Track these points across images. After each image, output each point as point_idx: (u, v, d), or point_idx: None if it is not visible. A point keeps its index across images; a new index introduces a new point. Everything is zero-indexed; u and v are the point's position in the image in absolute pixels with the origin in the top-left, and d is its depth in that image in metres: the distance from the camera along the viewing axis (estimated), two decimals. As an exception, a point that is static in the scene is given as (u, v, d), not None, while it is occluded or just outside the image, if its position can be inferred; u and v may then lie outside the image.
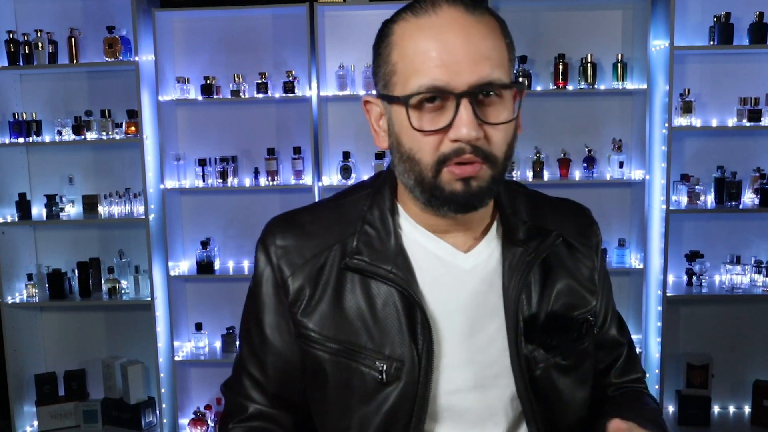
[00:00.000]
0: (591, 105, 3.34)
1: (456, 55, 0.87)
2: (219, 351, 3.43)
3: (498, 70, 0.89)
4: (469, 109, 0.87)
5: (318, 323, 1.00)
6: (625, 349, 1.17)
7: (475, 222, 1.01)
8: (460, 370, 0.99)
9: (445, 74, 0.87)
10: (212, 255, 3.34)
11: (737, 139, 3.29)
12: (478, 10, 0.92)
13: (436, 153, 0.90)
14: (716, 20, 3.10)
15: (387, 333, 0.98)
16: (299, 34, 3.27)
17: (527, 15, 3.29)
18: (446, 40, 0.88)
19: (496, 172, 0.92)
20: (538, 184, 3.25)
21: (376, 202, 1.03)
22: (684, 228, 3.35)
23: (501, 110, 0.91)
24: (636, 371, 1.17)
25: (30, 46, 3.24)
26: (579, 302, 1.06)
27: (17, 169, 3.44)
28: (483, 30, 0.90)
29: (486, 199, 0.94)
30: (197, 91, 3.32)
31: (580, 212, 1.13)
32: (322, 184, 3.31)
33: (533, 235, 1.03)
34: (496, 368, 1.00)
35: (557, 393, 1.02)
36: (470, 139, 0.88)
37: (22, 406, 3.44)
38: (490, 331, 1.00)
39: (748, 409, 3.38)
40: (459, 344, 0.99)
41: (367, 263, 0.99)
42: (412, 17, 0.91)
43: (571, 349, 1.03)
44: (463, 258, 1.00)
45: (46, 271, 3.37)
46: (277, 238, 1.04)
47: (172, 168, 3.35)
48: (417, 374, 0.96)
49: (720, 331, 3.40)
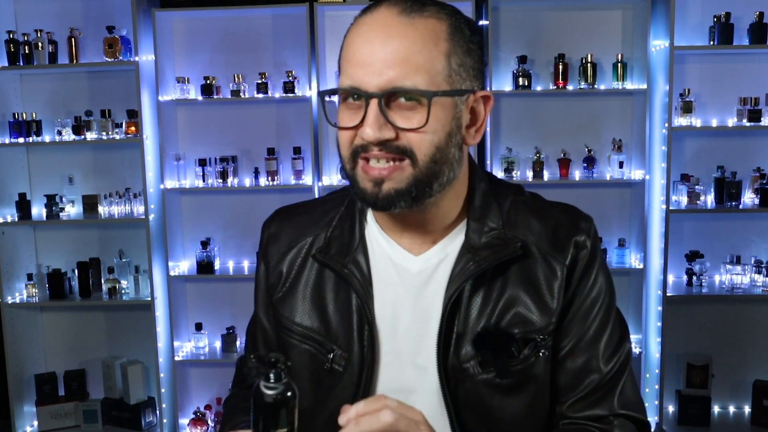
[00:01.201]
0: (591, 105, 3.34)
1: (373, 56, 0.89)
2: (219, 351, 3.43)
3: (416, 76, 0.88)
4: (375, 111, 0.89)
5: (286, 308, 1.07)
6: (601, 378, 1.01)
7: (429, 222, 1.00)
8: (398, 371, 1.02)
9: (361, 74, 0.90)
10: (212, 255, 3.34)
11: (737, 139, 3.29)
12: (418, 12, 0.90)
13: (350, 146, 0.94)
14: (716, 20, 3.10)
15: (339, 325, 1.03)
16: (299, 34, 3.27)
17: (527, 15, 3.29)
18: (368, 41, 0.90)
19: (418, 173, 0.91)
20: (538, 184, 3.25)
21: (352, 200, 1.08)
22: (684, 228, 3.35)
23: (417, 115, 0.90)
24: (606, 408, 1.01)
25: (30, 46, 3.24)
26: (526, 319, 0.99)
27: (17, 169, 3.44)
28: (411, 33, 0.89)
29: (400, 202, 0.92)
30: (197, 91, 3.31)
31: (569, 223, 1.03)
32: (322, 184, 3.31)
33: (495, 243, 0.99)
34: (429, 375, 1.00)
35: (488, 412, 0.99)
36: (371, 140, 0.90)
37: (22, 406, 3.44)
38: (429, 337, 1.00)
39: (748, 409, 3.38)
40: (400, 347, 1.02)
41: (330, 257, 1.04)
42: (359, 16, 0.95)
43: (505, 368, 0.97)
44: (412, 261, 1.01)
45: (46, 271, 3.37)
46: (271, 225, 1.13)
47: (172, 168, 3.35)
48: (360, 368, 1.01)
49: (720, 331, 3.39)
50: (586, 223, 1.04)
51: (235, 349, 3.38)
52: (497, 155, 3.29)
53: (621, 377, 1.03)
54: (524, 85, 3.20)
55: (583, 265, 1.01)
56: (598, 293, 1.03)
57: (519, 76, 3.20)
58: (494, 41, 3.24)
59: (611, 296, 1.05)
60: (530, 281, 1.00)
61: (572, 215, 1.05)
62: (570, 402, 1.02)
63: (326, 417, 1.02)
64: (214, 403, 3.46)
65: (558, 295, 1.00)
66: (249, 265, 3.44)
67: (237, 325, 3.43)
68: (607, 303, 1.04)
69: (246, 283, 3.43)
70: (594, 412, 1.02)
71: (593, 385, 1.01)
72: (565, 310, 1.01)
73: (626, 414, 1.02)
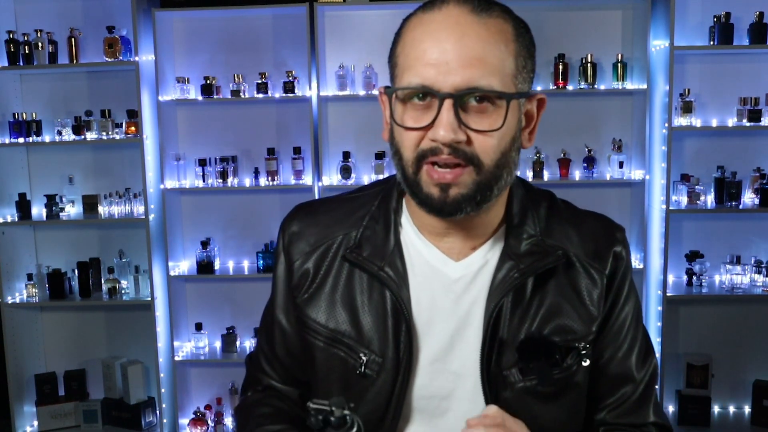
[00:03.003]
0: (591, 105, 3.34)
1: (447, 55, 0.86)
2: (219, 351, 3.43)
3: (491, 77, 0.86)
4: (450, 112, 0.86)
5: (313, 310, 1.03)
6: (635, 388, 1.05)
7: (475, 228, 0.98)
8: (434, 378, 0.99)
9: (433, 73, 0.86)
10: (212, 255, 3.34)
11: (737, 139, 3.29)
12: (488, 12, 0.89)
13: (416, 149, 0.90)
14: (716, 20, 3.10)
15: (373, 328, 0.99)
16: (299, 34, 3.27)
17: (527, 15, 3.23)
18: (441, 39, 0.87)
19: (482, 178, 0.89)
20: (538, 184, 3.23)
21: (385, 199, 1.04)
22: (684, 228, 3.35)
23: (488, 118, 0.88)
24: (643, 416, 1.05)
25: (30, 46, 3.24)
26: (568, 327, 0.99)
27: (17, 169, 3.44)
28: (484, 33, 0.87)
29: (466, 207, 0.90)
30: (197, 91, 3.32)
31: (605, 234, 1.04)
32: (322, 184, 3.31)
33: (536, 250, 0.98)
34: (469, 382, 0.99)
35: (531, 419, 0.97)
36: (445, 142, 0.87)
37: (22, 406, 3.44)
38: (469, 343, 0.99)
39: (748, 409, 3.38)
40: (437, 352, 0.99)
41: (363, 258, 1.00)
42: (421, 13, 0.91)
43: (548, 376, 0.97)
44: (452, 266, 0.99)
45: (46, 271, 3.37)
46: (293, 224, 1.08)
47: (172, 168, 3.35)
48: (395, 374, 0.98)
49: (720, 331, 3.39)
50: (621, 233, 1.06)
51: (235, 349, 3.38)
52: (497, 155, 3.29)
53: (653, 387, 1.06)
54: (524, 85, 3.20)
55: (621, 276, 1.03)
56: (632, 304, 1.05)
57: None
58: (494, 41, 3.24)
59: (640, 308, 1.09)
60: (571, 290, 1.00)
61: (607, 225, 1.06)
62: (608, 409, 1.05)
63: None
64: (214, 403, 3.46)
65: (599, 305, 1.00)
66: (249, 265, 3.44)
67: (237, 325, 3.43)
68: (638, 314, 1.07)
69: (246, 283, 3.43)
70: (631, 420, 1.04)
71: (629, 394, 1.04)
72: (605, 320, 1.02)
73: (656, 422, 1.05)
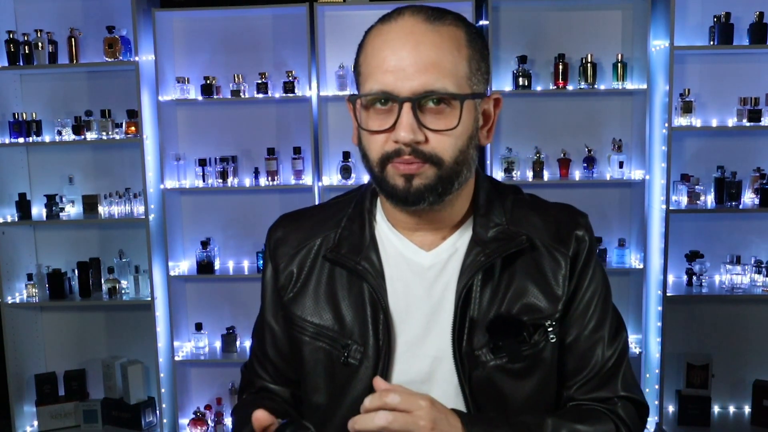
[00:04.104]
0: (591, 105, 3.34)
1: (403, 62, 0.93)
2: (219, 351, 3.43)
3: (445, 80, 0.94)
4: (409, 114, 0.93)
5: (299, 307, 1.11)
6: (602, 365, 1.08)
7: (443, 220, 1.06)
8: (413, 362, 1.06)
9: (392, 79, 0.94)
10: (212, 255, 3.34)
11: (737, 139, 3.29)
12: (440, 20, 0.96)
13: (381, 151, 0.97)
14: (716, 20, 3.10)
15: (354, 320, 1.07)
16: (299, 34, 3.27)
17: (527, 15, 3.29)
18: (397, 48, 0.94)
19: (443, 173, 0.97)
20: (538, 184, 3.25)
21: (360, 201, 1.13)
22: (684, 228, 3.35)
23: (445, 118, 0.95)
24: (610, 390, 1.08)
25: (30, 46, 3.24)
26: (535, 306, 1.05)
27: (17, 169, 3.44)
28: (437, 39, 0.94)
29: (429, 197, 0.98)
30: (197, 91, 3.32)
31: (569, 219, 1.11)
32: (322, 184, 3.31)
33: (501, 237, 1.06)
34: (443, 364, 1.05)
35: (503, 397, 1.04)
36: (407, 142, 0.94)
37: (22, 406, 3.44)
38: (442, 327, 1.05)
39: (748, 409, 3.38)
40: (414, 338, 1.06)
41: (341, 255, 1.08)
42: (380, 24, 0.99)
43: (517, 353, 1.03)
44: (424, 256, 1.07)
45: (46, 271, 3.37)
46: (277, 230, 1.16)
47: (172, 168, 3.35)
48: (376, 360, 1.04)
49: (720, 331, 3.39)
50: (584, 219, 1.12)
51: (235, 349, 3.38)
52: (497, 155, 3.29)
53: (622, 363, 1.11)
54: (524, 85, 3.20)
55: (584, 258, 1.09)
56: (597, 284, 1.11)
57: (519, 76, 3.20)
58: (494, 41, 3.24)
59: (608, 288, 1.14)
60: (537, 272, 1.06)
61: (570, 212, 1.13)
62: (576, 385, 1.10)
63: (343, 412, 1.05)
64: (214, 403, 3.46)
65: (563, 284, 1.07)
66: (249, 265, 3.44)
67: (237, 325, 3.43)
68: (606, 294, 1.12)
69: (246, 283, 3.43)
70: (599, 394, 1.09)
71: (597, 370, 1.09)
72: (571, 300, 1.08)
73: (628, 396, 1.09)
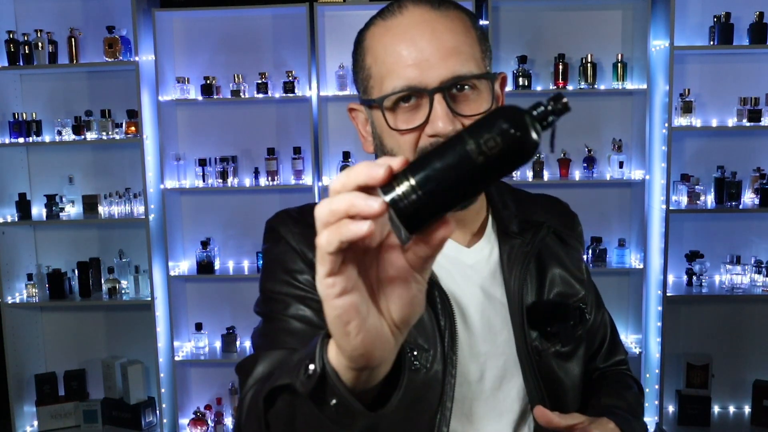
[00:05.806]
0: (591, 105, 3.34)
1: (425, 53, 0.89)
2: (219, 351, 3.43)
3: (469, 63, 0.91)
4: (443, 104, 0.89)
5: None
6: (608, 331, 1.21)
7: (471, 218, 1.05)
8: (473, 362, 1.01)
9: (417, 72, 0.89)
10: (212, 255, 3.34)
11: (737, 139, 3.29)
12: (444, 5, 0.94)
13: (415, 150, 0.92)
14: (716, 20, 3.10)
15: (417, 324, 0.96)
16: (299, 34, 3.27)
17: (527, 15, 3.29)
18: (414, 39, 0.90)
19: None
20: (538, 184, 3.25)
21: None
22: (684, 228, 3.35)
23: (476, 102, 0.92)
24: (619, 353, 1.21)
25: (30, 46, 3.24)
26: (571, 291, 1.08)
27: (17, 169, 3.44)
28: (450, 25, 0.91)
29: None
30: (197, 91, 3.31)
31: (561, 205, 1.18)
32: (322, 184, 3.31)
33: (525, 227, 1.06)
34: (503, 360, 1.02)
35: (559, 381, 1.04)
36: (447, 133, 0.88)
37: (22, 406, 3.44)
38: (496, 323, 1.02)
39: (748, 409, 3.38)
40: (471, 337, 1.01)
41: None
42: (381, 21, 0.95)
43: (570, 336, 1.05)
44: (466, 253, 1.03)
45: (46, 271, 3.37)
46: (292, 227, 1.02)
47: (172, 168, 3.35)
48: (443, 363, 0.97)
49: (720, 331, 3.39)
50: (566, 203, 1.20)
51: (235, 349, 3.38)
52: (497, 155, 3.29)
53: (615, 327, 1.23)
54: (524, 85, 3.20)
55: (582, 237, 1.18)
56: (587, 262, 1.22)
57: (519, 76, 3.20)
58: (494, 41, 3.24)
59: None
60: (562, 258, 1.10)
61: (555, 200, 1.19)
62: (601, 354, 1.19)
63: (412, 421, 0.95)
64: (214, 403, 3.46)
65: (582, 266, 1.14)
66: (249, 265, 3.44)
67: (237, 325, 3.43)
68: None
69: (246, 283, 3.43)
70: (615, 359, 1.20)
71: (609, 338, 1.20)
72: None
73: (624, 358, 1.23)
